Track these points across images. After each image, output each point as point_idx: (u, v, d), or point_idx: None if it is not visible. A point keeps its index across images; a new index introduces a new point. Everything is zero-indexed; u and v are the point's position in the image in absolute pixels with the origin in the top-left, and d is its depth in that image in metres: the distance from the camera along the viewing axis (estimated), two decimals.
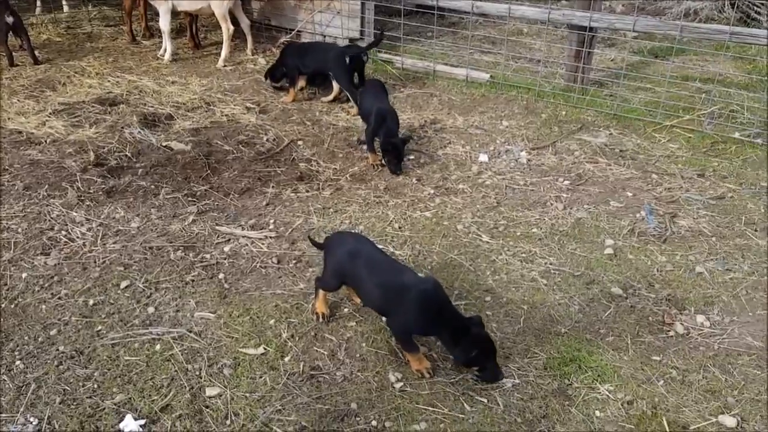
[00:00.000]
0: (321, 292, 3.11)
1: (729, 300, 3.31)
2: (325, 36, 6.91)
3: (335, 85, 5.76)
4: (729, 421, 2.57)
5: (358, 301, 3.20)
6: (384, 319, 2.96)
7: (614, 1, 8.79)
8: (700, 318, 3.16)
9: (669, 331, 3.08)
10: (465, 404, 2.65)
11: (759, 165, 4.74)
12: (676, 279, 3.45)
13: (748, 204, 4.22)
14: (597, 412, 2.62)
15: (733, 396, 2.70)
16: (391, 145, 4.53)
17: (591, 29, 5.65)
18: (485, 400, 2.66)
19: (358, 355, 2.90)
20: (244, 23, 6.88)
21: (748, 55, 6.76)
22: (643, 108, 5.60)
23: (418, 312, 2.71)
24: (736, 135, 5.14)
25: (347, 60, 5.49)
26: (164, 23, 6.49)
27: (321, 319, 3.10)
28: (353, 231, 3.81)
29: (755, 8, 7.66)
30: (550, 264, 3.58)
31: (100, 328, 3.01)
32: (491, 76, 6.31)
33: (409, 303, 2.71)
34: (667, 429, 2.54)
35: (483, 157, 4.84)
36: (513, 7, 5.91)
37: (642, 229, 3.92)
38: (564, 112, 5.67)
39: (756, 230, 3.91)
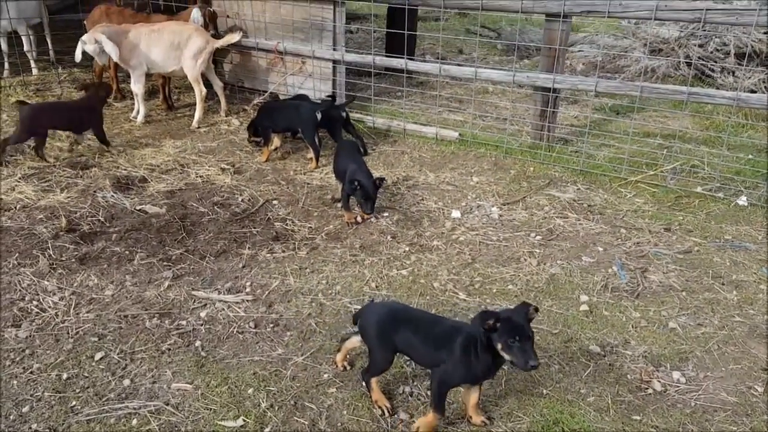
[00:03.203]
0: (373, 382, 2.96)
1: (702, 355, 3.37)
2: None
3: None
4: None
5: (341, 366, 3.18)
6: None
7: (575, 60, 9.15)
8: (676, 374, 3.21)
9: (647, 388, 3.11)
10: None
11: (722, 218, 4.91)
12: (650, 335, 3.51)
13: (714, 257, 4.35)
14: None
15: None
16: (357, 183, 4.56)
17: (555, 90, 5.87)
18: None
19: (339, 425, 2.86)
20: (217, 85, 6.97)
21: (705, 111, 7.07)
22: (608, 164, 5.79)
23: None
24: (699, 189, 5.33)
25: (318, 116, 5.64)
26: (137, 86, 6.53)
27: (386, 414, 2.91)
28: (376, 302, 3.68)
29: (709, 66, 8.05)
30: None
31: (74, 403, 2.92)
32: (460, 134, 6.47)
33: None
34: None
35: (455, 213, 4.92)
36: (479, 70, 6.12)
37: (615, 284, 4.00)
38: (532, 168, 5.81)
39: (723, 284, 4.03)
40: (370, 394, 2.97)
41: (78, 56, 6.20)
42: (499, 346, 2.53)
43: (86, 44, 6.07)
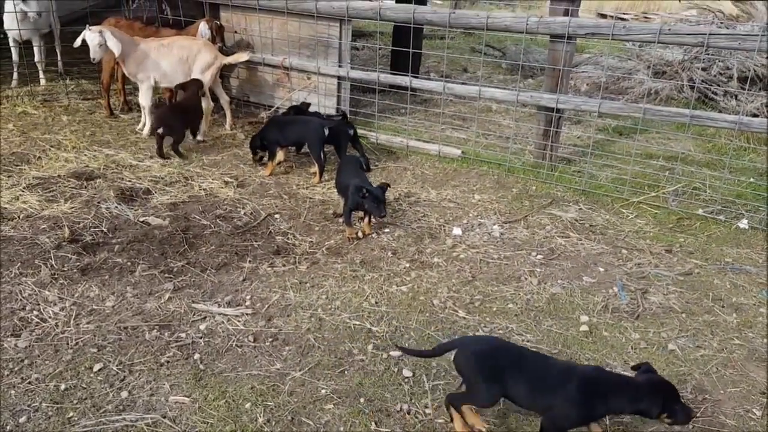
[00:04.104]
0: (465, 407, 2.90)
1: (701, 378, 3.37)
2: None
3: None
4: None
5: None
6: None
7: (579, 80, 9.20)
8: None
9: None
10: None
11: (723, 241, 4.92)
12: (650, 356, 3.51)
13: (714, 280, 4.35)
14: None
15: None
16: (365, 190, 4.58)
17: (558, 110, 5.91)
18: None
19: None
20: (224, 99, 7.02)
21: (707, 134, 7.10)
22: (610, 184, 5.81)
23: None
24: (700, 212, 5.34)
25: (326, 132, 5.68)
26: (144, 98, 6.58)
27: None
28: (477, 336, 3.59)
29: (712, 90, 8.09)
30: (528, 341, 3.61)
31: (71, 414, 2.93)
32: (463, 152, 6.50)
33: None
34: None
35: (457, 231, 4.93)
36: (483, 89, 6.16)
37: (615, 305, 4.00)
38: (534, 187, 5.83)
39: (723, 307, 4.02)
40: (463, 418, 2.88)
41: (77, 42, 6.24)
42: (665, 415, 2.66)
43: (90, 32, 6.07)
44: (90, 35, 6.08)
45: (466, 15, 6.09)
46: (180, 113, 6.26)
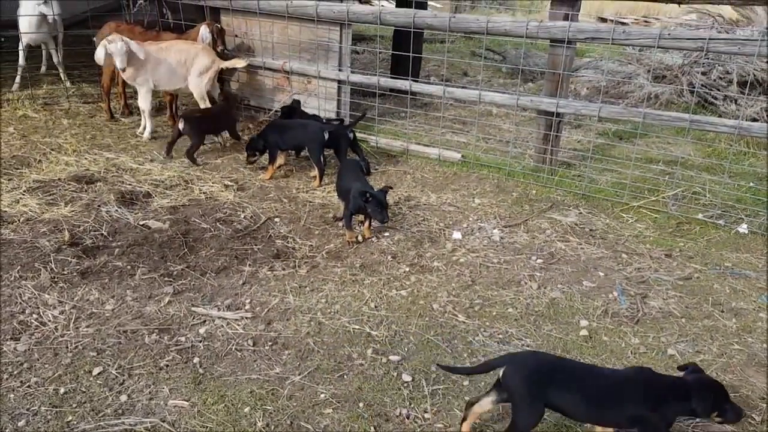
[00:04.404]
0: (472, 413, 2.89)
1: None
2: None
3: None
4: None
5: None
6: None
7: (579, 84, 9.21)
8: None
9: None
10: None
11: (722, 246, 4.92)
12: (649, 361, 3.50)
13: (714, 284, 4.35)
14: None
15: None
16: (368, 194, 4.59)
17: (558, 114, 5.91)
18: None
19: None
20: None
21: (707, 139, 7.11)
22: (610, 188, 5.81)
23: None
24: (700, 216, 5.34)
25: (325, 136, 5.69)
26: (144, 102, 6.59)
27: None
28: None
29: (712, 94, 8.10)
30: (527, 346, 3.61)
31: (70, 418, 2.92)
32: (463, 156, 6.50)
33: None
34: None
35: (457, 235, 4.93)
36: (483, 93, 6.17)
37: (615, 309, 4.00)
38: (534, 191, 5.84)
39: (722, 311, 4.02)
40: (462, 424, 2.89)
41: (100, 56, 6.21)
42: (715, 414, 2.70)
43: (112, 43, 6.05)
44: (114, 46, 6.06)
45: (466, 19, 6.10)
46: (206, 119, 6.34)
